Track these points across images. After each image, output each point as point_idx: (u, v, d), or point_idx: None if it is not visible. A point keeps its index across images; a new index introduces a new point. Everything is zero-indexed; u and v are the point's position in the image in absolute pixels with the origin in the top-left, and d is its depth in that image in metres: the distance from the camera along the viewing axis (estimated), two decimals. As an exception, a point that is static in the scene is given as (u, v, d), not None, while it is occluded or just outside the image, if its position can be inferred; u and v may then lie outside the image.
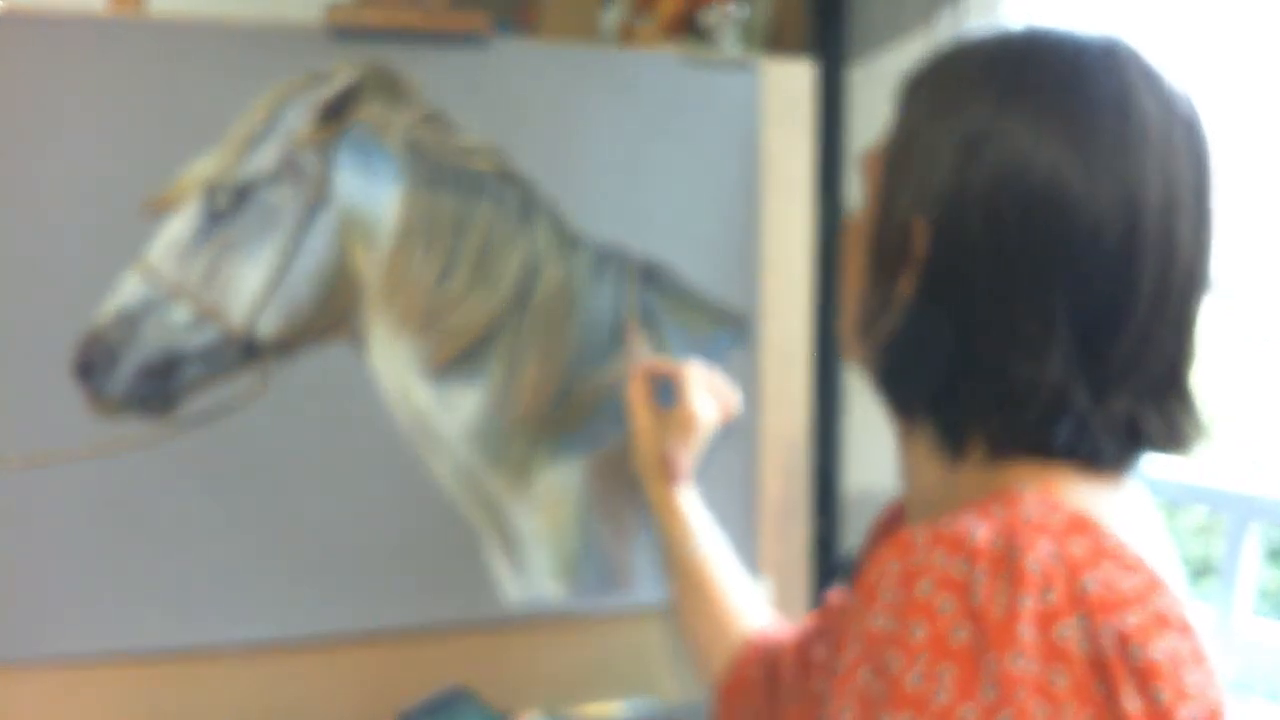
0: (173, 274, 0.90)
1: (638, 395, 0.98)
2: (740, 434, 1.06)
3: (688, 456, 0.97)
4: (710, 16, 1.05)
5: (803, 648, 0.83)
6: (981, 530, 0.52)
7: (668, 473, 0.96)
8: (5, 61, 0.86)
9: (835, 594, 0.83)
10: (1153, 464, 0.63)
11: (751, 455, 1.09)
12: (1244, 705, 1.35)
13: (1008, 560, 0.50)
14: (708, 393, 0.98)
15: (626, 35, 1.07)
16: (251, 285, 0.91)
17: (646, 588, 1.06)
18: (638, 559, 1.06)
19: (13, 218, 0.87)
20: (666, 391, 0.99)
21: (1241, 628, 1.44)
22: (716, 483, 1.04)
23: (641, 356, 1.01)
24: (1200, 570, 2.40)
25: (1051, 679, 0.48)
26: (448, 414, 0.98)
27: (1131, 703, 0.48)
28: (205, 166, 0.90)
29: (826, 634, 0.80)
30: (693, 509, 0.96)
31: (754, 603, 0.94)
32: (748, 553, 1.09)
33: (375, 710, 0.99)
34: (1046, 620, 0.49)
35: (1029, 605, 0.49)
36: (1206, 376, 0.61)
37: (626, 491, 1.04)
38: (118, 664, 0.93)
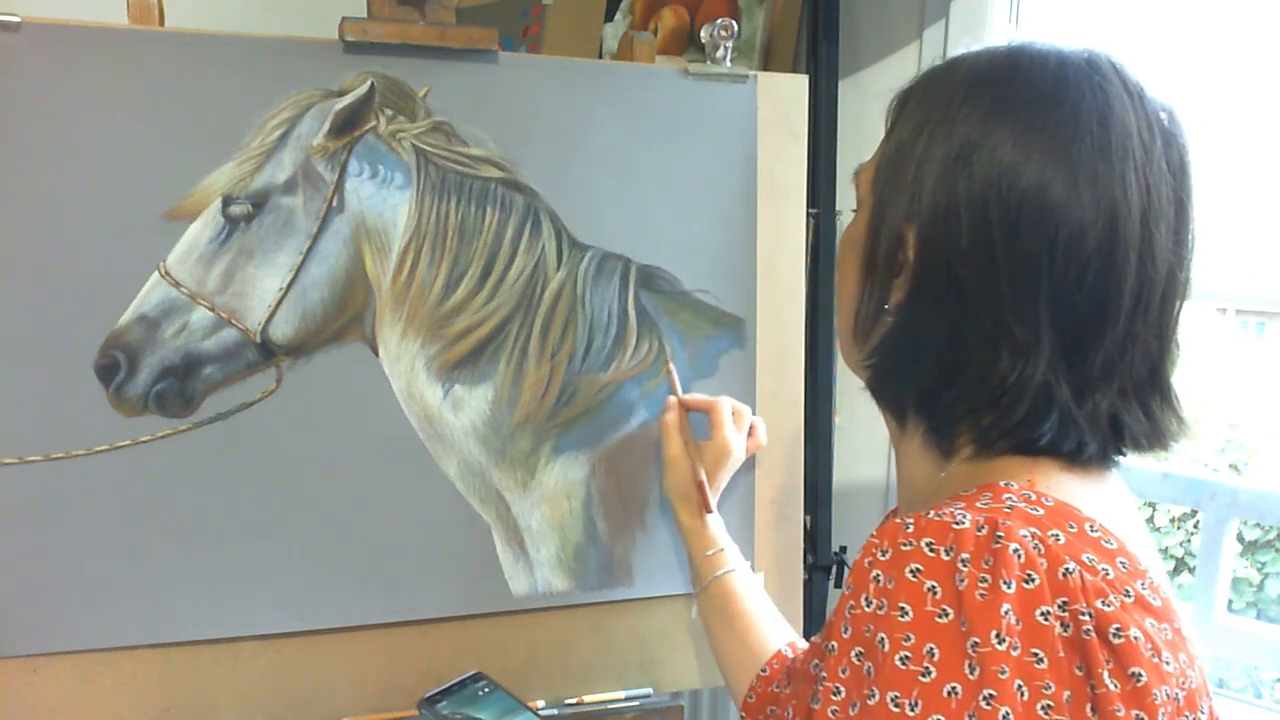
0: (191, 279, 0.91)
1: (673, 425, 1.01)
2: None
3: (717, 485, 1.00)
4: (708, 33, 1.07)
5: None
6: (967, 518, 0.54)
7: (699, 500, 0.98)
8: (28, 72, 0.87)
9: None
10: (1134, 459, 0.65)
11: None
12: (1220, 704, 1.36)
13: (991, 546, 0.53)
14: (736, 425, 1.01)
15: (627, 50, 1.09)
16: (268, 290, 0.93)
17: (648, 581, 1.08)
18: (639, 553, 1.07)
19: (37, 225, 0.88)
20: (699, 423, 1.02)
21: (1221, 622, 1.46)
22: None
23: (678, 391, 1.03)
24: (1176, 567, 2.41)
25: (1032, 660, 0.50)
26: (456, 414, 1.00)
27: (1110, 683, 0.51)
28: (223, 175, 0.92)
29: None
30: (721, 534, 0.99)
31: (780, 624, 0.95)
32: (745, 547, 1.11)
33: (391, 696, 1.00)
34: (1028, 604, 0.51)
35: (1011, 589, 0.51)
36: (1190, 374, 0.64)
37: (629, 488, 1.06)
38: (136, 652, 0.94)
